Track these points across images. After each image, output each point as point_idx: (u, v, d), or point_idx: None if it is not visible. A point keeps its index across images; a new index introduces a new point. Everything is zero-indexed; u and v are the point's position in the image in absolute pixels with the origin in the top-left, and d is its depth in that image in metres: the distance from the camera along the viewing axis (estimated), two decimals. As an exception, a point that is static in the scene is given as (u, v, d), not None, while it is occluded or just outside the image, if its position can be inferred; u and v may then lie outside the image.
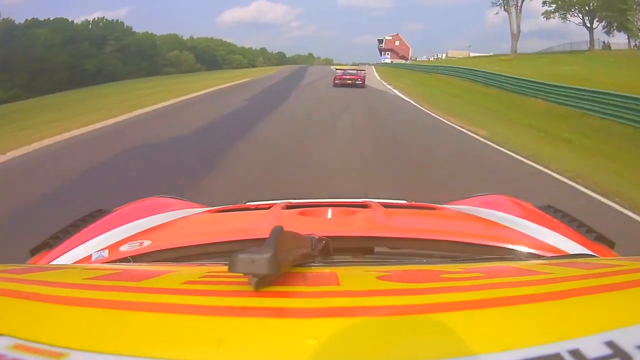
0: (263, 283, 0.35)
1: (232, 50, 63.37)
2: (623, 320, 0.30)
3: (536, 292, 0.38)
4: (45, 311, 0.34)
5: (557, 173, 4.75)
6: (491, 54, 35.06)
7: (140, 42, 43.44)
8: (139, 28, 62.80)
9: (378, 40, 67.44)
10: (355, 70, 19.68)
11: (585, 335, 0.27)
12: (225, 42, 66.89)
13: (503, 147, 6.13)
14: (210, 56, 53.70)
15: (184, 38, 54.81)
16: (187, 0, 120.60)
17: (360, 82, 17.13)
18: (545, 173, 4.82)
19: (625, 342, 0.26)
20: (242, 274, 0.34)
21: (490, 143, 6.52)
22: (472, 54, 40.38)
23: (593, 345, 0.26)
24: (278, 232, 0.38)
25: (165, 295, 0.38)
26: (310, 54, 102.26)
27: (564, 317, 0.32)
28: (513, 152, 5.82)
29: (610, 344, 0.26)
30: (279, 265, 0.34)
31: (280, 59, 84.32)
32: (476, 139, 7.01)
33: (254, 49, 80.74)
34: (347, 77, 17.46)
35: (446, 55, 48.75)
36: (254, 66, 66.16)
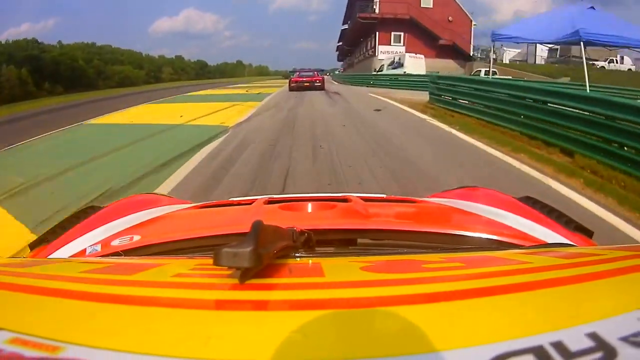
0: (247, 276, 0.36)
1: (117, 59, 39.41)
2: (605, 311, 0.29)
3: (517, 282, 0.37)
4: (42, 304, 0.34)
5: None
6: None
7: None
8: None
9: (350, 4, 26.33)
10: (311, 71, 17.14)
11: (567, 327, 0.27)
12: (114, 48, 42.85)
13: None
14: (67, 69, 29.58)
15: (54, 45, 30.56)
16: (115, 11, 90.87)
17: (320, 84, 15.69)
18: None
19: (608, 334, 0.25)
20: (227, 267, 0.35)
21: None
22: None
23: (576, 337, 0.25)
24: (258, 225, 0.39)
25: (156, 288, 0.39)
26: (240, 62, 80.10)
27: (546, 308, 0.31)
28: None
29: (593, 336, 0.25)
30: (260, 258, 0.36)
31: (200, 69, 61.58)
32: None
33: (166, 57, 57.91)
34: (304, 79, 15.98)
35: None
36: (158, 80, 43.09)
